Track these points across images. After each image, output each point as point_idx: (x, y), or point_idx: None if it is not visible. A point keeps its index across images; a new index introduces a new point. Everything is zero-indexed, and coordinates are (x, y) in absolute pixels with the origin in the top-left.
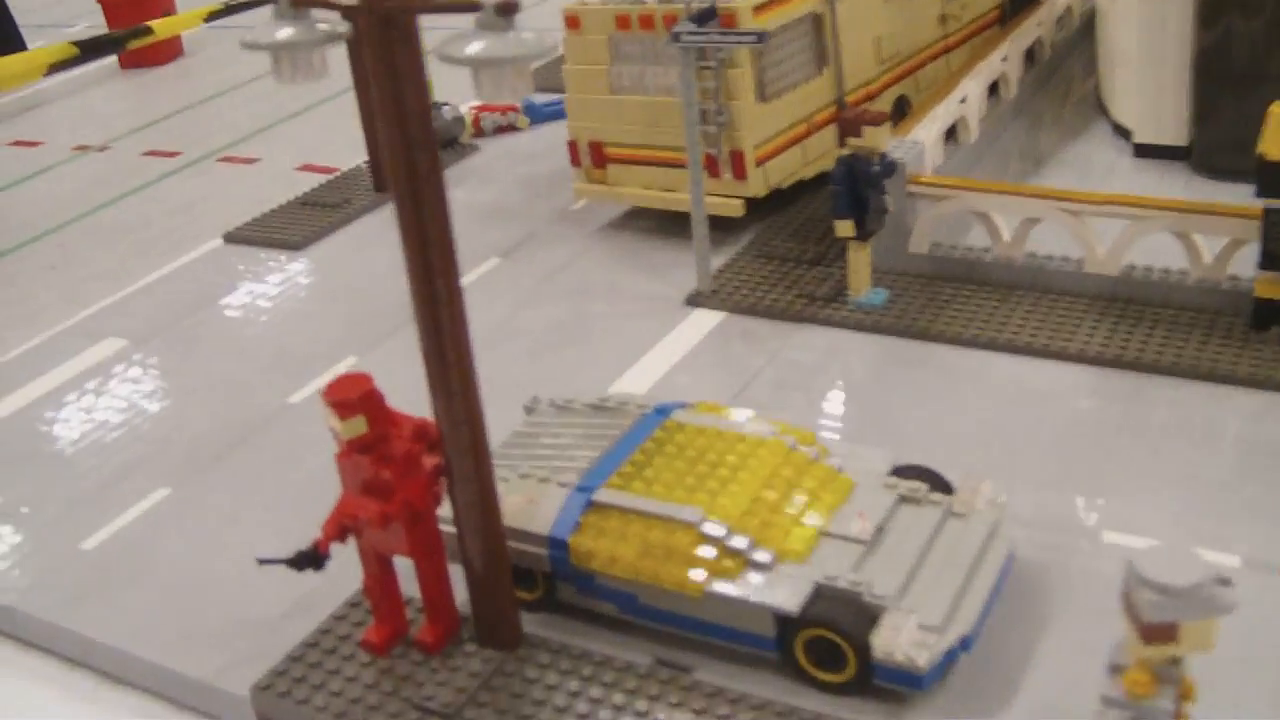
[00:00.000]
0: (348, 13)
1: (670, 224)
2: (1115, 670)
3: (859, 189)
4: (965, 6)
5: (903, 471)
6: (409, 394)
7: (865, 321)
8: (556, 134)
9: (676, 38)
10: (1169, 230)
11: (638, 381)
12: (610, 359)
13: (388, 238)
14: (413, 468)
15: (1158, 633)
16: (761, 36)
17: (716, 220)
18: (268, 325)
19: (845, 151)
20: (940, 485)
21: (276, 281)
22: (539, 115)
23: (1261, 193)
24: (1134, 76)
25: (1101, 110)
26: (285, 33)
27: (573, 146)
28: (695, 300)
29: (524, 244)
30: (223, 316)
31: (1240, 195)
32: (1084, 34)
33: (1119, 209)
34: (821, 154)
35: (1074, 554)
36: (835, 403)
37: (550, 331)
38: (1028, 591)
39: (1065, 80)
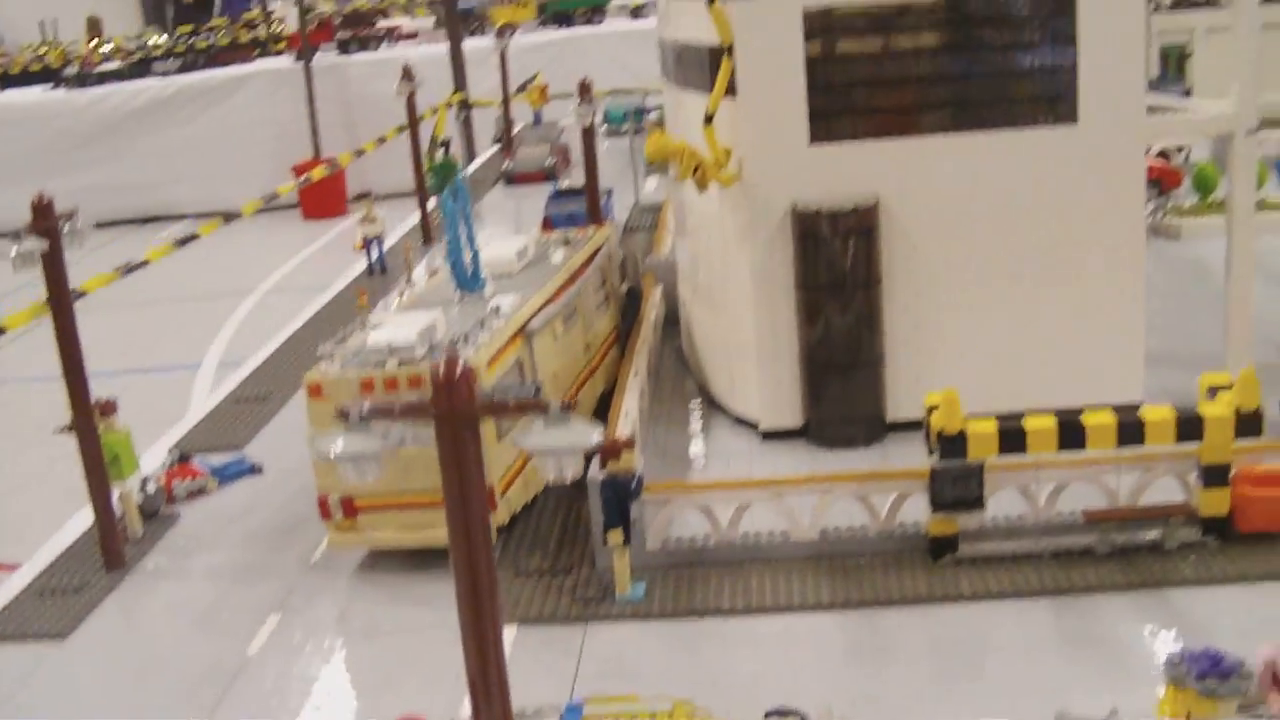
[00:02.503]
0: (414, 413)
1: (425, 557)
2: None
3: (624, 502)
4: (595, 335)
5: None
6: None
7: (638, 611)
8: (246, 490)
9: None
10: (852, 495)
11: None
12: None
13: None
14: None
15: None
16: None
17: None
18: None
19: (603, 474)
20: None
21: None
22: (225, 476)
23: (935, 457)
24: (754, 373)
25: (714, 405)
26: (355, 445)
27: (323, 502)
28: None
29: (293, 596)
30: None
31: (854, 460)
32: (671, 335)
33: (812, 485)
34: (537, 480)
35: None
36: (650, 683)
37: (371, 671)
38: None
39: (677, 384)
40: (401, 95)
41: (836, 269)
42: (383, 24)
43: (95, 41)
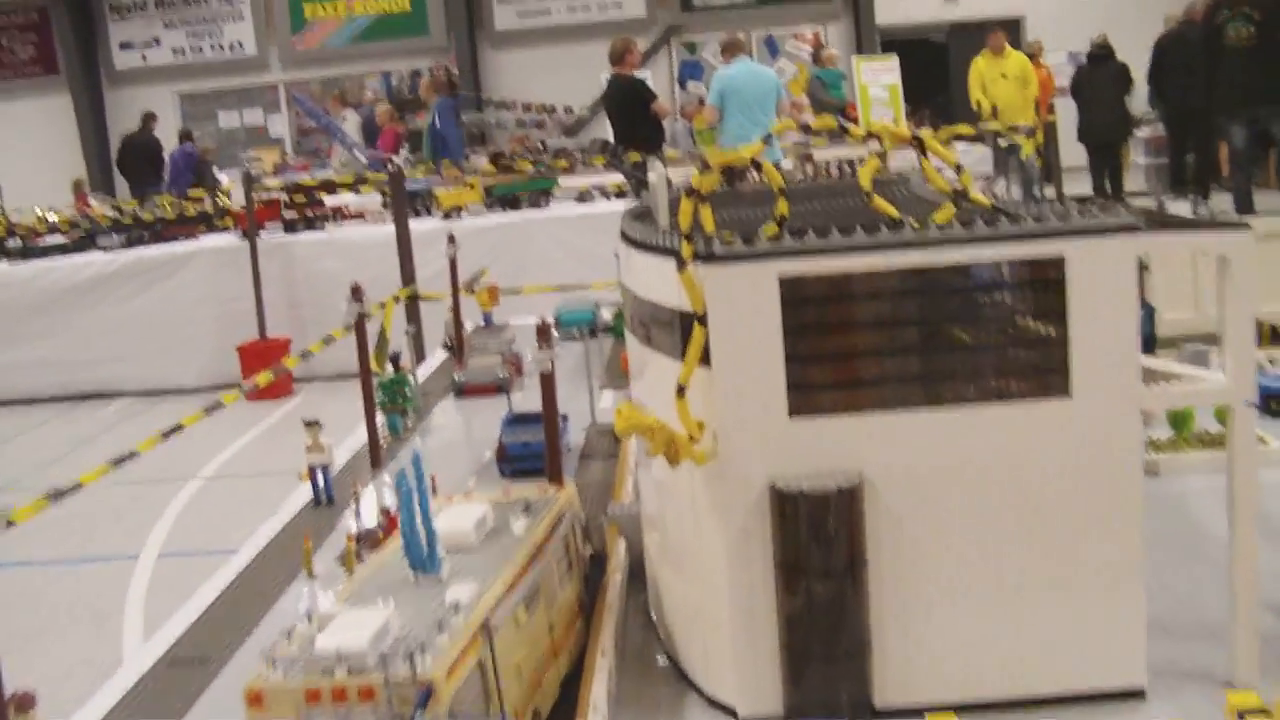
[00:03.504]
0: None
1: None
2: None
3: None
4: (559, 611)
5: None
6: None
7: None
8: None
9: None
10: None
11: None
12: None
13: None
14: None
15: None
16: None
17: None
18: None
19: None
20: None
21: None
22: None
23: None
24: (729, 653)
25: (685, 678)
26: None
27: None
28: None
29: None
30: None
31: None
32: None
33: None
34: None
35: None
36: None
37: None
38: None
39: (645, 655)
40: (350, 317)
41: (819, 551)
42: (329, 202)
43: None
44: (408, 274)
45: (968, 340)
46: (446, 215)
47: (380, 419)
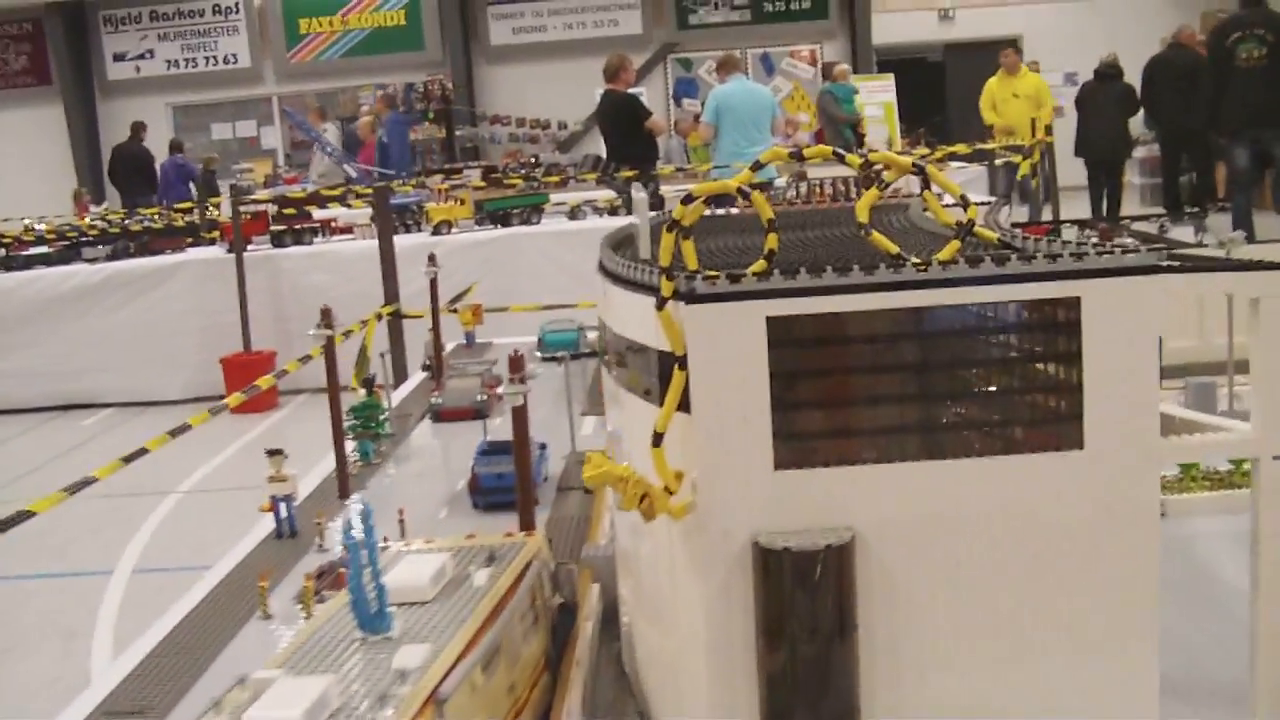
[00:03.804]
0: None
1: None
2: None
3: None
4: (522, 669)
5: None
6: None
7: None
8: None
9: None
10: None
11: None
12: None
13: None
14: None
15: None
16: None
17: None
18: None
19: None
20: None
21: None
22: None
23: None
24: (706, 710)
25: None
26: None
27: None
28: None
29: None
30: None
31: None
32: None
33: None
34: None
35: None
36: None
37: None
38: None
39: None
40: (319, 340)
41: (805, 611)
42: (318, 216)
43: (26, 223)
44: (391, 290)
45: (971, 387)
46: (436, 230)
47: (351, 444)
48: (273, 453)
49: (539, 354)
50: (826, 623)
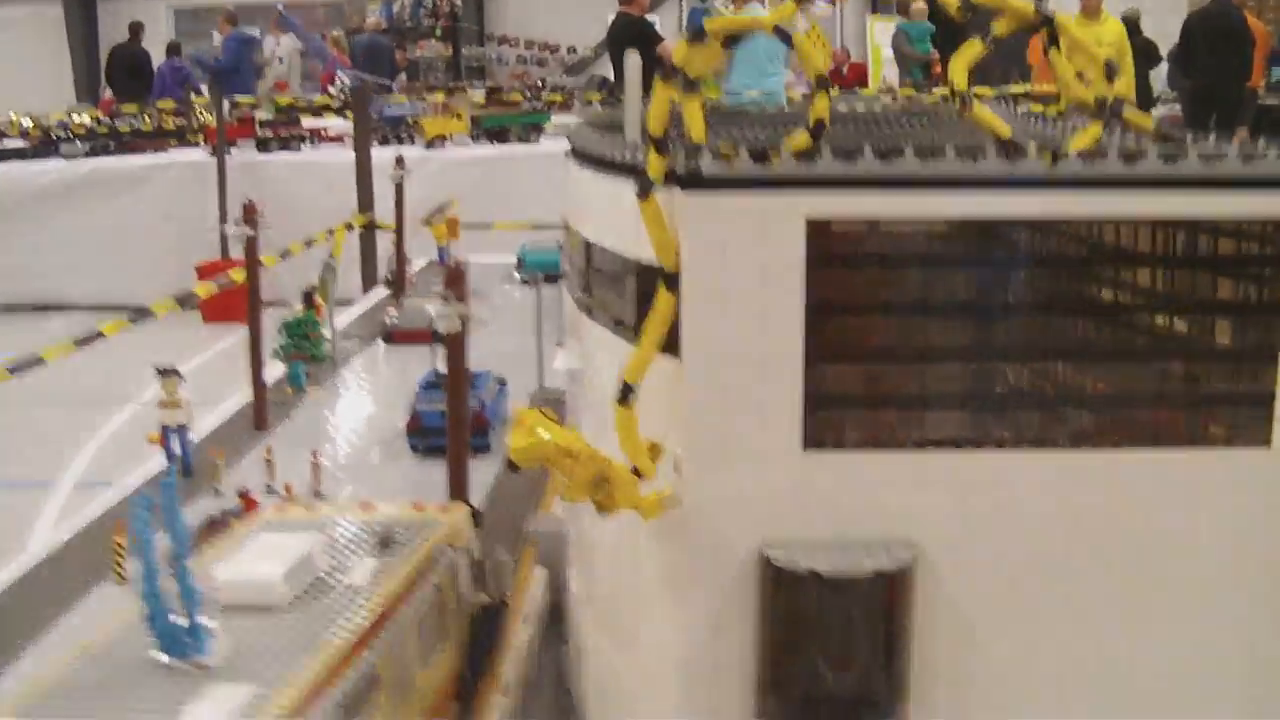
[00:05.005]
0: None
1: None
2: None
3: None
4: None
5: None
6: None
7: None
8: None
9: None
10: None
11: None
12: None
13: None
14: None
15: None
16: None
17: None
18: None
19: None
20: None
21: None
22: None
23: None
24: None
25: None
26: None
27: None
28: None
29: None
30: None
31: None
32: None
33: None
34: None
35: None
36: None
37: None
38: None
39: None
40: (239, 240)
41: (837, 673)
42: (308, 124)
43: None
44: (365, 198)
45: (1114, 345)
46: (430, 144)
47: (281, 368)
48: (165, 373)
49: (518, 275)
50: (868, 685)
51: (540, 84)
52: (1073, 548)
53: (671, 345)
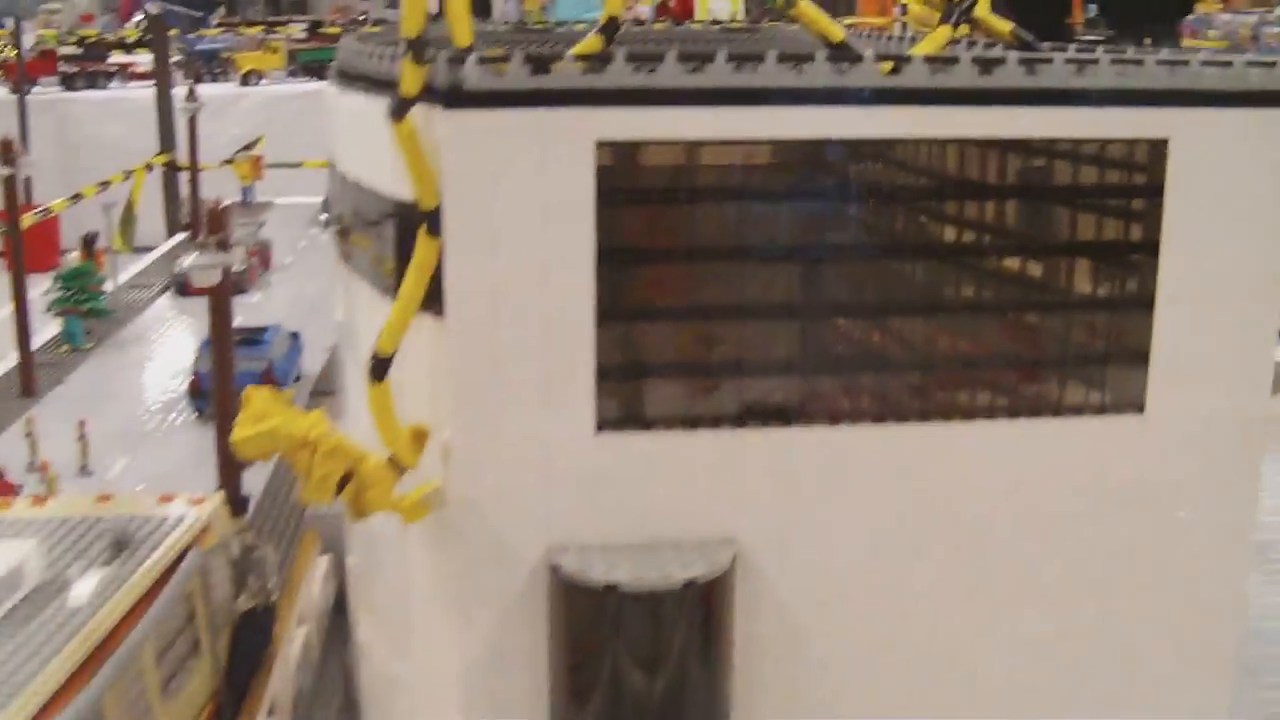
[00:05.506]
0: None
1: None
2: None
3: None
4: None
5: None
6: None
7: None
8: None
9: None
10: None
11: None
12: None
13: None
14: None
15: None
16: None
17: None
18: None
19: None
20: None
21: None
22: None
23: None
24: None
25: None
26: None
27: None
28: None
29: None
30: None
31: None
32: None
33: None
34: None
35: None
36: None
37: None
38: None
39: None
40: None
41: (642, 699)
42: (116, 59)
43: None
44: (167, 137)
45: (966, 297)
46: (244, 80)
47: (56, 325)
48: None
49: (323, 217)
50: (678, 704)
51: (363, 17)
52: (919, 538)
53: (434, 301)
